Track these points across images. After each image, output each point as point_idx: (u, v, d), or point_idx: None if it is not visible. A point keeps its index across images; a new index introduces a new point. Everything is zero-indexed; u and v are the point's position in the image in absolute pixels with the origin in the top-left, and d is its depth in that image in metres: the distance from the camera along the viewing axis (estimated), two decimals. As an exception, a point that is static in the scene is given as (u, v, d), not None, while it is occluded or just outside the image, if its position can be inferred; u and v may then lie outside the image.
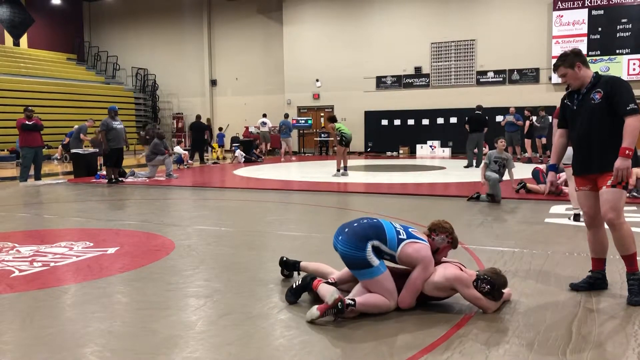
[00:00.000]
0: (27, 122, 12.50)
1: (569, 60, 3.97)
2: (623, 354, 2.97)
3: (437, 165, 16.52)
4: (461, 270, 3.64)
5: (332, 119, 13.50)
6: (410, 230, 3.75)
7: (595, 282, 4.05)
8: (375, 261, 3.52)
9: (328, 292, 3.52)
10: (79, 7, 29.84)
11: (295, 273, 4.36)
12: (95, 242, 5.87)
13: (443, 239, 3.74)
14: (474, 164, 15.07)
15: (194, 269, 4.79)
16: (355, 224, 3.70)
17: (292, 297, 3.84)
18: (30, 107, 13.20)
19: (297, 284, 3.86)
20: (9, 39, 26.03)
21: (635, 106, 3.73)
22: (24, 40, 26.84)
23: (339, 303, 3.37)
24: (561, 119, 4.19)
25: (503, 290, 3.62)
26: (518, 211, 7.80)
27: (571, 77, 3.97)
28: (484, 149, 20.03)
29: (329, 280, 3.85)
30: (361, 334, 3.26)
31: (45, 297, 4.05)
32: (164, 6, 27.77)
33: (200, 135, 18.77)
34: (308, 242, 5.86)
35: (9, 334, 3.36)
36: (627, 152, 3.69)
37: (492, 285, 3.54)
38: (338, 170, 12.91)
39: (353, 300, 3.48)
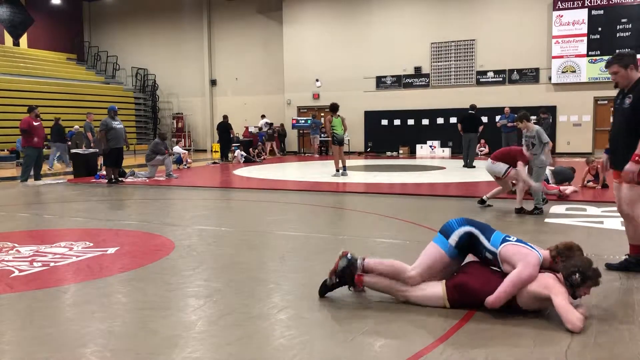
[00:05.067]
0: (34, 123, 12.52)
1: (625, 60, 4.13)
2: (623, 353, 2.97)
3: (437, 165, 16.52)
4: (558, 279, 3.43)
5: (333, 108, 12.94)
6: (527, 243, 3.65)
7: (629, 265, 4.35)
8: (453, 240, 3.66)
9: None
10: (79, 7, 29.83)
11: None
12: (95, 242, 5.87)
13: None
14: (472, 163, 15.06)
15: (194, 269, 4.79)
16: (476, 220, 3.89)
17: (325, 291, 3.85)
18: (36, 107, 13.19)
19: (334, 280, 3.81)
20: (9, 39, 26.02)
21: None
22: (24, 40, 26.83)
23: (348, 255, 3.76)
24: None
25: (594, 268, 3.38)
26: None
27: (621, 77, 4.14)
28: (483, 148, 20.22)
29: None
30: (361, 334, 3.26)
31: (45, 297, 4.05)
32: (164, 6, 27.77)
33: (226, 135, 19.11)
34: (308, 242, 5.86)
35: (9, 334, 3.36)
36: (636, 158, 4.00)
37: (580, 272, 3.33)
38: (337, 170, 12.90)
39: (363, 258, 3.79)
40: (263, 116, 23.53)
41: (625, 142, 4.13)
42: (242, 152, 18.87)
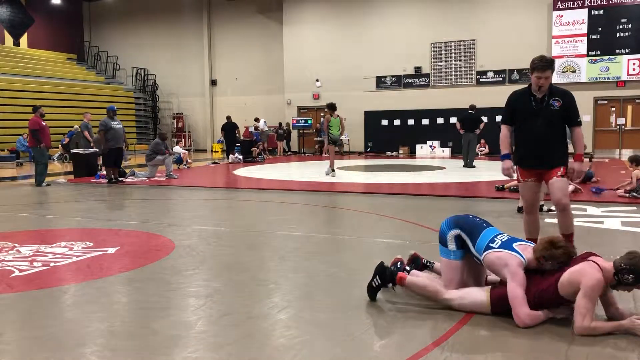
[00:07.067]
0: (42, 122, 12.51)
1: (553, 66, 4.49)
2: (623, 353, 2.97)
3: (437, 165, 16.52)
4: (598, 269, 3.20)
5: (331, 107, 12.88)
6: (513, 244, 3.52)
7: None
8: (451, 245, 3.68)
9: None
10: (79, 7, 29.84)
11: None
12: (95, 242, 5.87)
13: (553, 265, 3.39)
14: (472, 163, 15.06)
15: (194, 269, 4.79)
16: (466, 215, 3.89)
17: (373, 294, 3.82)
18: (40, 106, 13.17)
19: (376, 282, 3.79)
20: (9, 39, 26.03)
21: (580, 119, 4.55)
22: (24, 40, 26.84)
23: (399, 263, 3.97)
24: (510, 117, 4.76)
25: None
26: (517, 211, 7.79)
27: (548, 81, 4.46)
28: (483, 148, 20.22)
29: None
30: (361, 334, 3.26)
31: (45, 297, 4.05)
32: (164, 6, 27.78)
33: (232, 135, 19.17)
34: (308, 242, 5.87)
35: (9, 334, 3.36)
36: (582, 157, 4.51)
37: (635, 272, 3.14)
38: (332, 169, 12.89)
39: (408, 270, 3.91)
40: (257, 119, 23.53)
41: (554, 141, 4.48)
42: (240, 155, 18.87)
